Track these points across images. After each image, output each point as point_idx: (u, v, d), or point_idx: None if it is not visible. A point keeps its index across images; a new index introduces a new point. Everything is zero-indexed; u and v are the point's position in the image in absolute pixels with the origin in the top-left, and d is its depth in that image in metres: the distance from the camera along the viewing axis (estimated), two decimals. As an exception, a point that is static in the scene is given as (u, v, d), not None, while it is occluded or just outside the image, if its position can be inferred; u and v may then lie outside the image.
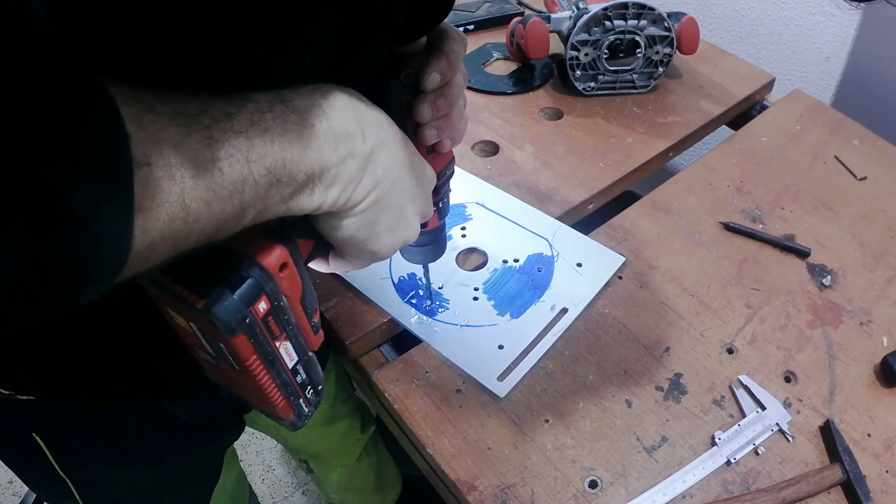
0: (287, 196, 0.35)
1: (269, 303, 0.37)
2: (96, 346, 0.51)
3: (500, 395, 0.65)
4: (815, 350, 0.70)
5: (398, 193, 0.42)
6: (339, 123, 0.37)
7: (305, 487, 1.48)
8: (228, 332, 0.35)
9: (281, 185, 0.34)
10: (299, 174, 0.34)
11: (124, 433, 0.62)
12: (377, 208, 0.40)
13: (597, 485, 0.60)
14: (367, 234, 0.42)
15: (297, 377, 0.42)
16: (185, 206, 0.29)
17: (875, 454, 0.62)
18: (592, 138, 0.95)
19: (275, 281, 0.37)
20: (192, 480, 0.77)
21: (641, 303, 0.74)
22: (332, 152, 0.36)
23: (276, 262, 0.37)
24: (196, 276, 0.36)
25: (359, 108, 0.39)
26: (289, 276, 0.38)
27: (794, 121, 1.00)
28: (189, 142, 0.30)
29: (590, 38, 0.97)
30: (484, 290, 0.74)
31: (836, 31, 1.12)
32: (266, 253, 0.37)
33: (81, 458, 0.62)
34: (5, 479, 1.51)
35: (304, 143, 0.35)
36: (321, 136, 0.35)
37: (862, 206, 0.86)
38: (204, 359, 0.41)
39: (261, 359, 0.38)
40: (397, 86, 0.46)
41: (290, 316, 0.39)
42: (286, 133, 0.34)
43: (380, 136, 0.39)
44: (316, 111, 0.36)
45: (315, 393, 0.44)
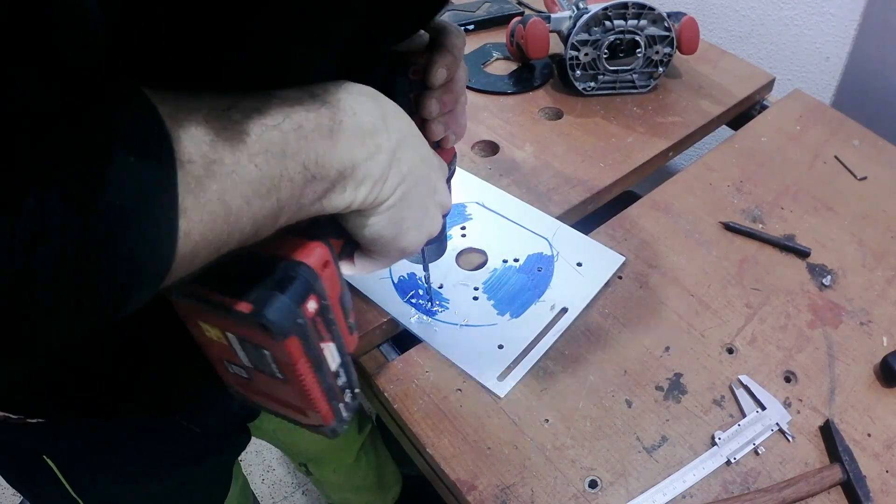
0: (321, 194, 0.34)
1: (318, 302, 0.36)
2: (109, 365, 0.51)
3: (500, 395, 0.65)
4: (815, 350, 0.70)
5: (422, 187, 0.42)
6: (366, 119, 0.36)
7: (305, 487, 1.48)
8: (281, 335, 0.34)
9: (315, 182, 0.33)
10: (331, 170, 0.34)
11: (136, 449, 0.62)
12: (404, 204, 0.40)
13: (597, 485, 0.59)
14: (396, 231, 0.41)
15: (339, 380, 0.40)
16: (226, 204, 0.29)
17: (875, 454, 0.62)
18: (592, 138, 0.95)
19: (320, 279, 0.36)
20: (203, 494, 0.77)
21: (641, 303, 0.74)
22: (361, 148, 0.36)
23: (320, 260, 0.36)
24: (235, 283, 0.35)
25: (381, 103, 0.38)
26: (330, 275, 0.37)
27: (794, 121, 1.00)
28: (225, 137, 0.29)
29: (590, 38, 0.97)
30: (484, 290, 0.74)
31: (836, 31, 1.12)
32: (309, 251, 0.36)
33: (93, 478, 0.61)
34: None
35: (335, 138, 0.34)
36: (350, 132, 0.35)
37: (862, 206, 0.86)
38: (234, 375, 0.40)
39: (309, 362, 0.37)
40: (404, 83, 0.46)
41: (333, 315, 0.38)
42: (318, 128, 0.33)
43: (402, 130, 0.39)
44: (344, 106, 0.35)
45: (352, 396, 0.42)
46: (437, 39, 0.49)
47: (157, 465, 0.65)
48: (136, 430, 0.60)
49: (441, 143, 0.52)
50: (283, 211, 0.33)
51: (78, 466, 0.59)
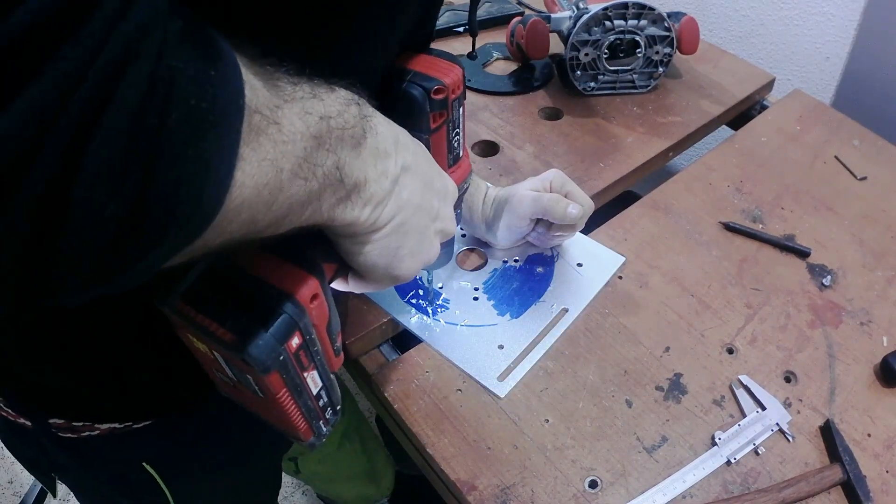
0: (335, 202, 0.35)
1: (302, 337, 0.36)
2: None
3: (500, 395, 0.65)
4: (815, 350, 0.70)
5: (421, 217, 0.42)
6: (381, 142, 0.37)
7: (305, 487, 1.48)
8: (263, 371, 0.34)
9: (336, 186, 0.34)
10: (350, 180, 0.35)
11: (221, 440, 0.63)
12: (401, 233, 0.40)
13: (597, 485, 0.59)
14: (390, 260, 0.41)
15: (320, 401, 0.42)
16: (276, 170, 0.29)
17: (875, 454, 0.62)
18: (592, 138, 0.95)
19: (307, 314, 0.36)
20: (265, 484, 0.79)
21: (641, 303, 0.74)
22: (373, 167, 0.37)
23: (309, 293, 0.37)
24: (224, 308, 0.35)
25: (395, 130, 0.40)
26: (318, 306, 0.38)
27: (794, 121, 1.00)
28: (288, 108, 0.29)
29: (590, 38, 0.97)
30: (484, 290, 0.74)
31: (836, 31, 1.12)
32: (300, 284, 0.36)
33: (188, 473, 0.62)
34: (5, 480, 1.51)
35: (358, 150, 0.35)
36: (369, 150, 0.36)
37: (862, 206, 0.86)
38: (220, 379, 0.41)
39: (290, 391, 0.37)
40: (425, 101, 0.47)
41: (318, 346, 0.39)
42: (352, 136, 0.34)
43: (407, 160, 0.40)
44: (371, 123, 0.36)
45: (333, 413, 0.44)
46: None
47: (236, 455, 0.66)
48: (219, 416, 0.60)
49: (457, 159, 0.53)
50: (309, 204, 0.33)
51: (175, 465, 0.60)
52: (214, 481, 0.67)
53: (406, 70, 0.46)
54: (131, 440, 0.55)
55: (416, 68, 0.46)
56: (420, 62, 0.47)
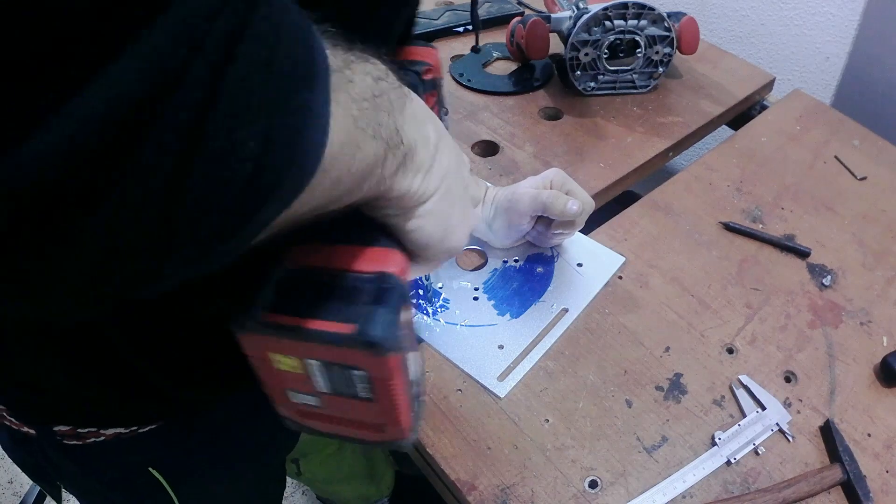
0: (394, 169, 0.34)
1: (409, 311, 0.34)
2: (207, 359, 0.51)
3: (500, 395, 0.65)
4: (815, 350, 0.70)
5: (459, 183, 0.41)
6: (418, 109, 0.37)
7: (305, 487, 1.48)
8: (386, 351, 0.31)
9: (396, 150, 0.33)
10: (406, 143, 0.34)
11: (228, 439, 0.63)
12: (447, 200, 0.39)
13: (597, 485, 0.60)
14: (443, 230, 0.40)
15: (415, 388, 0.38)
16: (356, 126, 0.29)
17: (875, 454, 0.62)
18: (592, 138, 0.95)
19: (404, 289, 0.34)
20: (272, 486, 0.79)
21: (641, 303, 0.74)
22: (416, 133, 0.36)
23: (401, 266, 0.35)
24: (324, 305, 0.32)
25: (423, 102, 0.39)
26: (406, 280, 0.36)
27: (794, 121, 1.00)
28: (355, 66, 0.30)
29: (590, 38, 0.97)
30: (484, 290, 0.74)
31: (836, 31, 1.12)
32: (390, 260, 0.35)
33: (195, 476, 0.62)
34: (5, 479, 1.51)
35: (406, 116, 0.35)
36: (410, 116, 0.36)
37: (862, 206, 0.86)
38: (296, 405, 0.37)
39: (403, 377, 0.34)
40: (418, 83, 0.47)
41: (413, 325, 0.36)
42: (400, 99, 0.34)
43: (439, 128, 0.40)
44: (407, 91, 0.36)
45: (419, 404, 0.40)
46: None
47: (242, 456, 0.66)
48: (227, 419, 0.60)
49: None
50: (376, 167, 0.32)
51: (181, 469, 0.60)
52: (221, 483, 0.67)
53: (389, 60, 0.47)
54: (137, 445, 0.55)
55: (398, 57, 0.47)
56: (399, 52, 0.48)
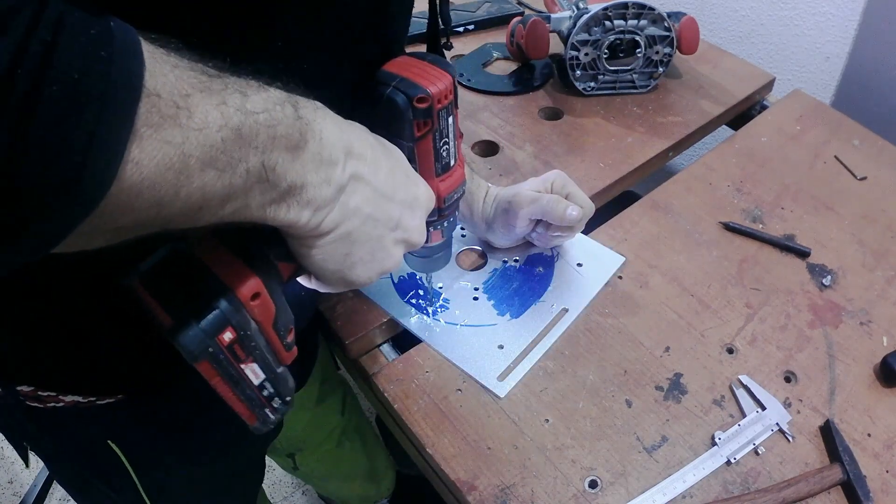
0: (268, 201, 0.35)
1: (235, 332, 0.38)
2: None
3: (500, 395, 0.65)
4: (815, 350, 0.70)
5: (373, 227, 0.42)
6: (327, 149, 0.37)
7: (305, 487, 1.48)
8: (191, 359, 0.37)
9: (266, 186, 0.34)
10: (283, 182, 0.35)
11: (196, 428, 0.63)
12: (348, 241, 0.41)
13: (597, 485, 0.60)
14: (339, 265, 0.42)
15: (264, 391, 0.43)
16: (184, 156, 0.29)
17: (875, 454, 0.62)
18: (592, 138, 0.95)
19: (244, 311, 0.38)
20: (244, 478, 0.79)
21: (641, 302, 0.74)
22: (314, 173, 0.36)
23: (249, 291, 0.38)
24: (171, 294, 0.37)
25: (348, 136, 0.40)
26: (261, 304, 0.39)
27: (794, 121, 1.00)
28: (202, 97, 0.30)
29: (590, 38, 0.97)
30: (484, 290, 0.74)
31: (836, 31, 1.12)
32: (241, 282, 0.38)
33: (157, 458, 0.62)
34: (5, 480, 1.51)
35: (295, 154, 0.35)
36: (310, 154, 0.36)
37: (862, 206, 0.86)
38: None
39: (224, 381, 0.39)
40: (407, 108, 0.46)
41: (258, 341, 0.40)
42: (287, 137, 0.34)
43: (359, 169, 0.40)
44: (313, 128, 0.36)
45: (283, 403, 0.45)
46: None
47: (212, 445, 0.66)
48: (192, 409, 0.60)
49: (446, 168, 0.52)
50: (231, 199, 0.33)
51: (142, 449, 0.60)
52: (189, 471, 0.66)
53: (392, 75, 0.46)
54: (96, 416, 0.55)
55: (403, 74, 0.46)
56: (409, 68, 0.47)
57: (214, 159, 0.30)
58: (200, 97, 0.30)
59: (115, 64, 0.26)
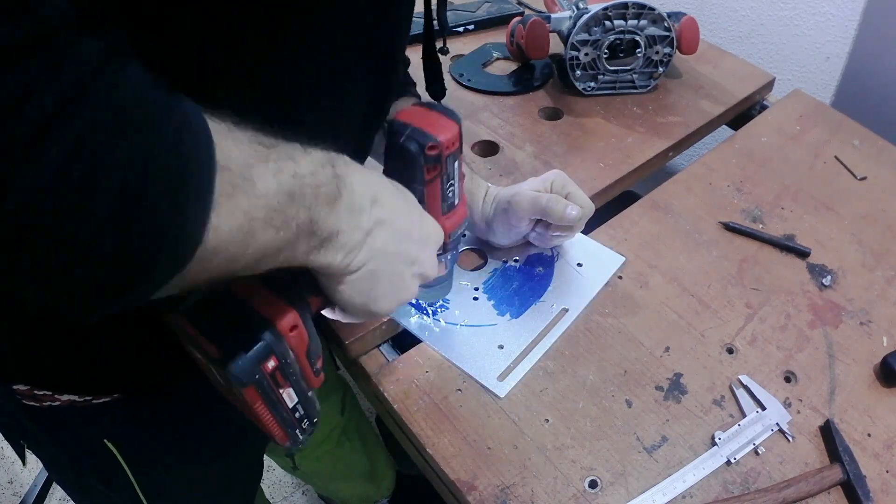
0: (310, 249, 0.40)
1: (277, 360, 0.43)
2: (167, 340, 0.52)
3: (500, 395, 0.65)
4: (815, 350, 0.70)
5: (394, 263, 0.47)
6: (357, 199, 0.42)
7: (305, 487, 1.48)
8: (240, 385, 0.41)
9: (311, 236, 0.39)
10: (324, 231, 0.39)
11: (194, 428, 0.64)
12: (373, 277, 0.46)
13: (597, 485, 0.60)
14: (365, 298, 0.47)
15: (296, 413, 0.47)
16: (251, 219, 0.33)
17: (875, 454, 0.62)
18: (592, 138, 0.95)
19: (284, 342, 0.43)
20: (242, 478, 0.79)
21: (641, 302, 0.74)
22: (347, 221, 0.41)
23: (288, 325, 0.43)
24: (216, 329, 0.42)
25: (373, 186, 0.45)
26: (298, 335, 0.44)
27: (794, 121, 1.00)
28: (262, 167, 0.34)
29: (590, 38, 0.97)
30: (484, 290, 0.74)
31: (836, 31, 1.12)
32: (280, 316, 0.43)
33: (154, 458, 0.62)
34: (5, 480, 1.51)
35: (332, 206, 0.40)
36: (344, 205, 0.41)
37: (862, 206, 0.86)
38: (214, 379, 0.47)
39: (265, 404, 0.44)
40: (419, 155, 0.51)
41: (295, 368, 0.45)
42: (327, 193, 0.39)
43: (382, 215, 0.45)
44: (345, 181, 0.41)
45: (311, 424, 0.50)
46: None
47: (209, 445, 0.66)
48: (190, 408, 0.61)
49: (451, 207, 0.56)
50: (283, 250, 0.37)
51: (139, 448, 0.61)
52: (187, 471, 0.67)
53: (405, 125, 0.51)
54: (92, 415, 0.56)
55: (414, 123, 0.51)
56: (420, 117, 0.52)
57: (273, 219, 0.35)
58: (260, 167, 0.34)
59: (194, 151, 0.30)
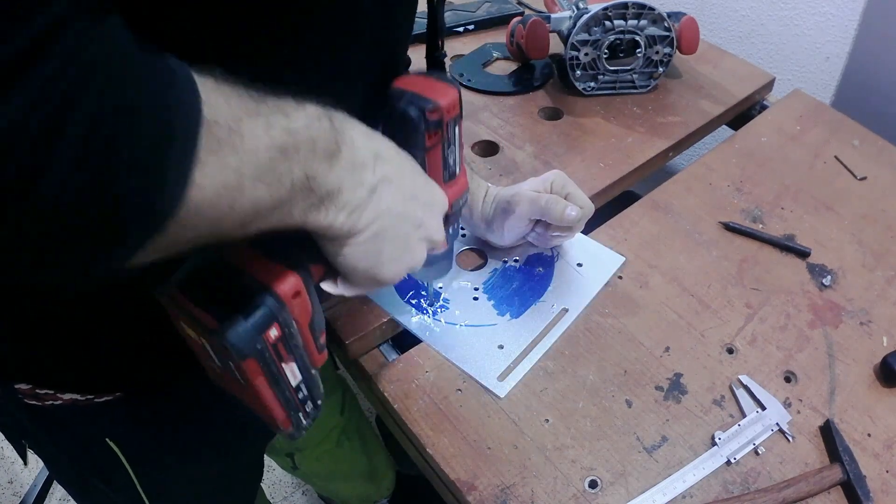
0: (307, 208, 0.37)
1: (280, 330, 0.39)
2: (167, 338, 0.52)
3: (500, 396, 0.65)
4: (815, 350, 0.70)
5: (401, 225, 0.44)
6: (359, 154, 0.40)
7: (305, 487, 1.48)
8: (239, 357, 0.38)
9: (307, 194, 0.36)
10: (322, 189, 0.37)
11: (195, 427, 0.63)
12: (380, 239, 0.43)
13: (597, 485, 0.60)
14: (371, 263, 0.44)
15: (299, 394, 0.44)
16: (239, 175, 0.32)
17: (875, 454, 0.62)
18: (592, 138, 0.95)
19: (287, 309, 0.40)
20: (242, 478, 0.79)
21: (641, 302, 0.74)
22: (349, 178, 0.39)
23: (291, 289, 0.40)
24: (212, 298, 0.39)
25: (376, 143, 0.42)
26: (301, 303, 0.41)
27: (794, 121, 1.00)
28: (251, 121, 0.32)
29: (590, 38, 0.97)
30: (484, 290, 0.74)
31: (836, 31, 1.12)
32: (281, 280, 0.39)
33: (155, 457, 0.62)
34: (5, 480, 1.51)
35: (332, 161, 0.38)
36: (345, 161, 0.38)
37: (862, 206, 0.86)
38: (210, 367, 0.44)
39: (267, 380, 0.40)
40: (420, 120, 0.49)
41: (298, 340, 0.41)
42: (325, 149, 0.37)
43: (387, 172, 0.42)
44: (346, 138, 0.39)
45: (314, 407, 0.46)
46: None
47: (211, 444, 0.66)
48: (191, 407, 0.61)
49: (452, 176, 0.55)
50: (277, 209, 0.35)
51: (140, 447, 0.60)
52: (188, 470, 0.67)
53: (404, 91, 0.50)
54: (94, 414, 0.56)
55: (414, 90, 0.50)
56: (419, 84, 0.50)
57: (264, 176, 0.33)
58: (249, 121, 0.32)
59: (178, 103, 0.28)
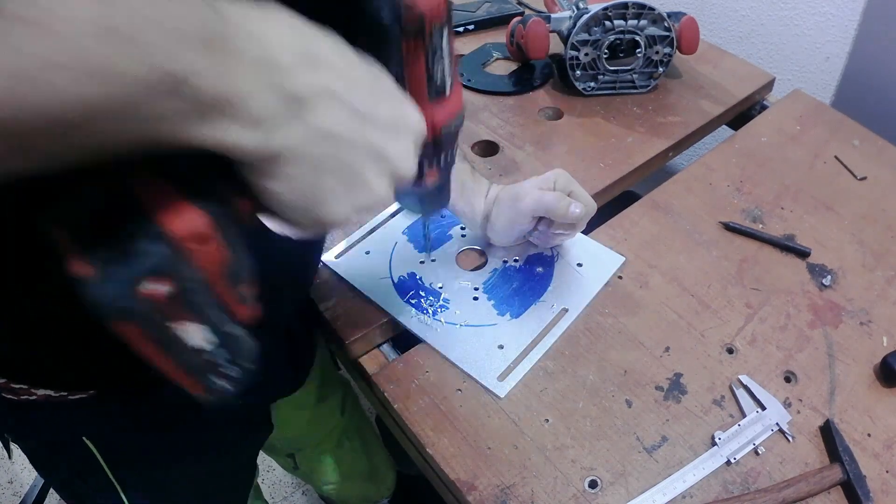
0: (185, 118, 0.29)
1: (172, 283, 0.31)
2: None
3: (500, 395, 0.65)
4: (815, 350, 0.70)
5: (348, 152, 0.35)
6: (270, 51, 0.31)
7: (305, 487, 1.48)
8: (110, 318, 0.30)
9: (181, 98, 0.28)
10: (203, 94, 0.28)
11: (176, 428, 0.62)
12: (315, 168, 0.34)
13: (597, 485, 0.60)
14: (308, 201, 0.35)
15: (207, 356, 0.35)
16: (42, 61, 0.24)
17: (875, 454, 0.62)
18: (592, 138, 0.95)
19: (184, 257, 0.31)
20: (232, 481, 0.78)
21: (641, 303, 0.74)
22: (252, 81, 0.30)
23: (189, 232, 0.31)
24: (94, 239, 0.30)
25: (305, 40, 0.33)
26: (209, 249, 0.32)
27: (794, 121, 1.00)
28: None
29: (590, 38, 0.97)
30: (484, 290, 0.74)
31: (836, 31, 1.12)
32: (180, 220, 0.31)
33: (134, 458, 0.61)
34: (5, 480, 1.51)
35: (213, 56, 0.28)
36: (240, 57, 0.29)
37: (862, 206, 0.86)
38: None
39: (153, 343, 0.33)
40: (394, 24, 0.41)
41: (205, 295, 0.33)
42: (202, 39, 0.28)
43: (326, 81, 0.33)
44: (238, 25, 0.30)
45: (239, 368, 0.37)
46: None
47: (196, 446, 0.65)
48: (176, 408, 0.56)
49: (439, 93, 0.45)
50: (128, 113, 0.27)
51: (119, 446, 0.59)
52: (171, 473, 0.65)
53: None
54: (69, 411, 0.54)
55: None
56: None
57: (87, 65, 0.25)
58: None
59: None
